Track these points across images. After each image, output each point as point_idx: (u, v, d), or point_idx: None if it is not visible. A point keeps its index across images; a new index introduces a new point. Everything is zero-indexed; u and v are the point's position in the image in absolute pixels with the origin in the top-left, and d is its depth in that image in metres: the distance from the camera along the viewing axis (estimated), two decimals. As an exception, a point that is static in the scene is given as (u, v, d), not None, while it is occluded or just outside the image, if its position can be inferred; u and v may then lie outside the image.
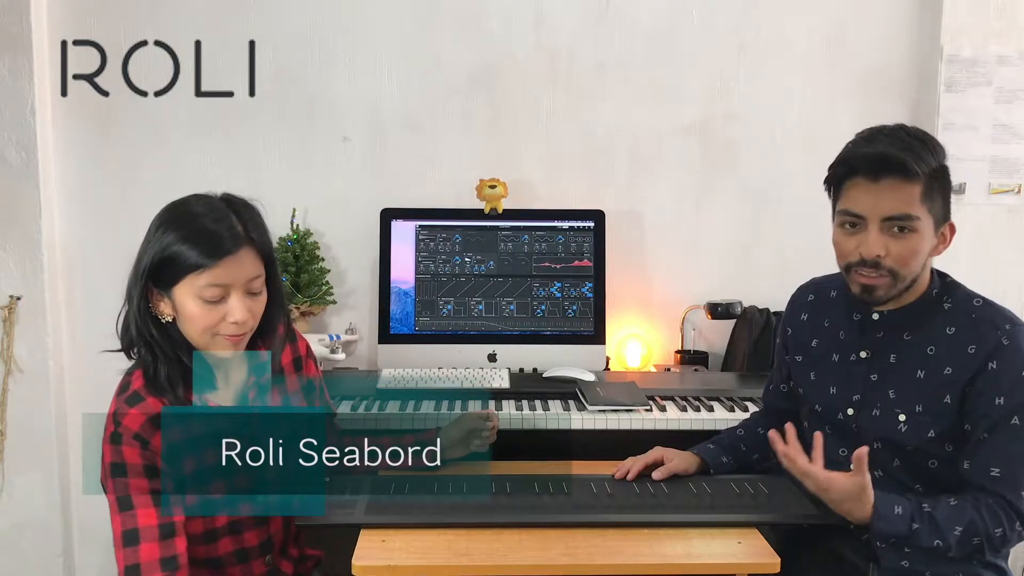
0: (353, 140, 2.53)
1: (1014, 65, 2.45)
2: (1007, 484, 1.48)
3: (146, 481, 1.39)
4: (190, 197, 1.48)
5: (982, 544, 1.46)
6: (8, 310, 2.44)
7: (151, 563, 1.35)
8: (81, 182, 2.50)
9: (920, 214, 1.47)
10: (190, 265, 1.39)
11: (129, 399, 1.43)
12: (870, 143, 1.50)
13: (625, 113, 2.54)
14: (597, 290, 2.38)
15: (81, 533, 2.58)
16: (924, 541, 1.45)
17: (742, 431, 1.83)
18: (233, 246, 1.41)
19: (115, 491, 1.38)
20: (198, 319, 1.42)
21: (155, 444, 1.40)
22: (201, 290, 1.40)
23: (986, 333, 1.50)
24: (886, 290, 1.52)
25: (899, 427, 1.55)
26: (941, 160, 1.50)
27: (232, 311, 1.42)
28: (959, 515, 1.47)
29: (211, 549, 1.51)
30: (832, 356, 1.66)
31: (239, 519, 1.52)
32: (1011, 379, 1.48)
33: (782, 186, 2.54)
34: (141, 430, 1.39)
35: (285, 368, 1.63)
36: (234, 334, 1.45)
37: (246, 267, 1.43)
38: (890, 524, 1.45)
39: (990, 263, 2.47)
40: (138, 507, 1.37)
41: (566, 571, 1.40)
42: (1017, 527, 1.47)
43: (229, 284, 1.41)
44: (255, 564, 1.57)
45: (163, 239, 1.41)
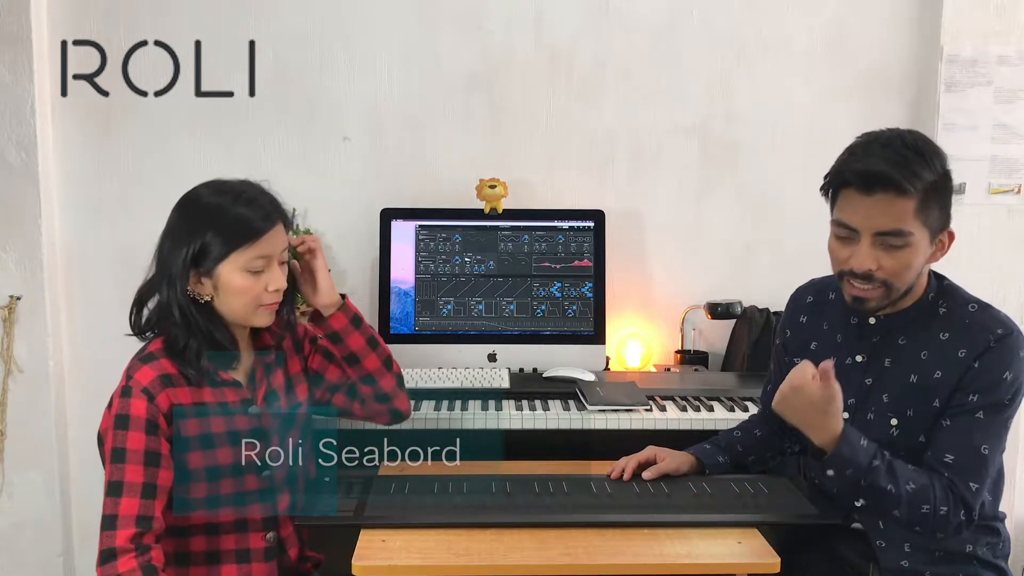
0: (353, 140, 2.53)
1: (1014, 65, 2.45)
2: (958, 472, 1.47)
3: (144, 437, 1.47)
4: (203, 186, 1.59)
5: (928, 514, 1.45)
6: (8, 310, 2.44)
7: (128, 516, 1.42)
8: (81, 182, 2.50)
9: (913, 229, 1.45)
10: (240, 241, 1.51)
11: (144, 357, 1.54)
12: (865, 154, 1.46)
13: (625, 113, 2.54)
14: (597, 290, 2.38)
15: (81, 533, 2.58)
16: (880, 481, 1.44)
17: (739, 432, 1.83)
18: (271, 221, 1.54)
19: (113, 441, 1.46)
20: (245, 291, 1.53)
21: (160, 400, 1.49)
22: (249, 262, 1.52)
23: (977, 337, 1.49)
24: (878, 301, 1.52)
25: (891, 431, 1.55)
26: (939, 170, 1.46)
27: (273, 279, 1.56)
28: (917, 476, 1.47)
29: (212, 515, 1.56)
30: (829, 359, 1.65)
31: (246, 491, 1.58)
32: (990, 379, 1.48)
33: (782, 186, 2.54)
34: (150, 384, 1.49)
35: (288, 351, 1.72)
36: (273, 302, 1.58)
37: (281, 238, 1.57)
38: (854, 451, 1.44)
39: (990, 263, 2.47)
40: (129, 462, 1.45)
41: (566, 571, 1.41)
42: (961, 515, 1.46)
43: (271, 255, 1.55)
44: (252, 536, 1.60)
45: (200, 231, 1.51)
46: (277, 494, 1.62)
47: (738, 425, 1.87)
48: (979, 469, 1.48)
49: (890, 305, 1.55)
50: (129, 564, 1.40)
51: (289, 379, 1.71)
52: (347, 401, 1.79)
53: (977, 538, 1.57)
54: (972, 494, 1.47)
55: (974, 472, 1.47)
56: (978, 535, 1.57)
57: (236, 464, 1.57)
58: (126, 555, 1.40)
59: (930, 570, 1.56)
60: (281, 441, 1.63)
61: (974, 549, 1.57)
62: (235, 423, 1.58)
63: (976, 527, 1.56)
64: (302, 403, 1.72)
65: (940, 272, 1.61)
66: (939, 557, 1.55)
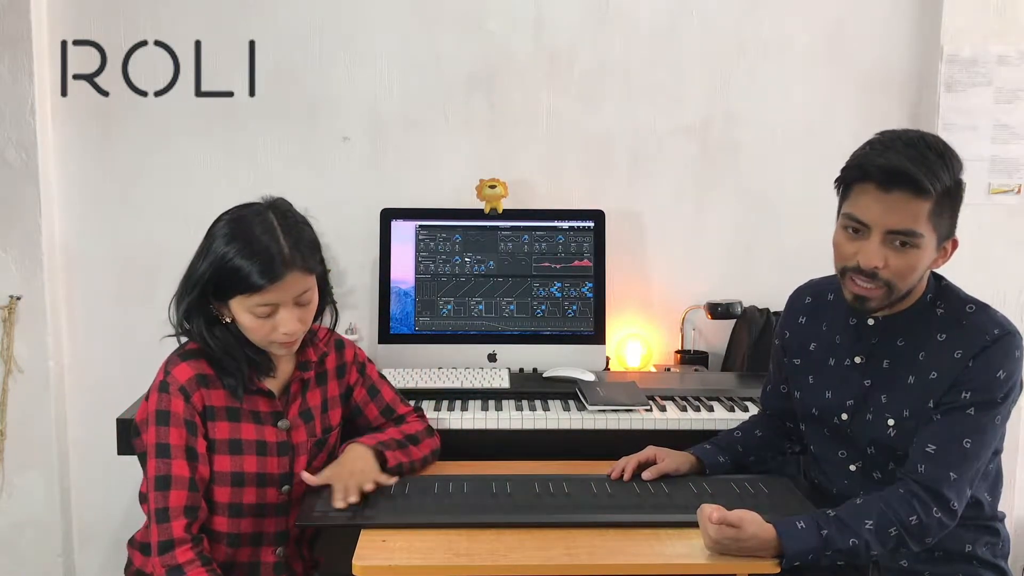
0: (353, 140, 2.53)
1: (1014, 65, 2.45)
2: (936, 463, 1.46)
3: (185, 433, 1.52)
4: (231, 222, 1.55)
5: (901, 535, 1.43)
6: (8, 310, 2.44)
7: (178, 508, 1.48)
8: (81, 182, 2.50)
9: (925, 231, 1.44)
10: (241, 288, 1.50)
11: (184, 354, 1.57)
12: (887, 151, 1.44)
13: (625, 113, 2.54)
14: (597, 290, 2.37)
15: (81, 533, 2.59)
16: (839, 543, 1.41)
17: (739, 433, 1.83)
18: (279, 273, 1.49)
19: (156, 437, 1.51)
20: (253, 331, 1.54)
21: (195, 400, 1.54)
22: (252, 307, 1.52)
23: (974, 338, 1.49)
24: (879, 301, 1.51)
25: (888, 431, 1.55)
26: (956, 176, 1.45)
27: (282, 323, 1.53)
28: (866, 509, 1.44)
29: (233, 524, 1.58)
30: (828, 360, 1.66)
31: (266, 503, 1.59)
32: (984, 379, 1.47)
33: (782, 186, 2.53)
34: (187, 383, 1.53)
35: (329, 372, 1.72)
36: (287, 342, 1.56)
37: (293, 287, 1.52)
38: (801, 540, 1.40)
39: (990, 263, 2.46)
40: (174, 457, 1.50)
41: (566, 571, 1.40)
42: (935, 513, 1.44)
43: (277, 303, 1.52)
44: (264, 551, 1.62)
45: (219, 255, 1.51)
46: (292, 510, 1.62)
47: (738, 425, 1.86)
48: (959, 461, 1.45)
49: (889, 306, 1.55)
50: (187, 555, 1.46)
51: (325, 400, 1.71)
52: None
53: (977, 538, 1.57)
54: (949, 484, 1.45)
55: (953, 464, 1.45)
56: (978, 535, 1.57)
57: (260, 474, 1.58)
58: (183, 545, 1.47)
59: (929, 570, 1.56)
60: (309, 461, 1.65)
61: (973, 549, 1.57)
62: (264, 433, 1.59)
63: (976, 527, 1.56)
64: (335, 428, 1.72)
65: (939, 272, 1.60)
66: (938, 557, 1.55)
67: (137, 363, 2.37)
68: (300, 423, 1.65)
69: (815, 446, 1.72)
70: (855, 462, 1.63)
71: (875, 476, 1.60)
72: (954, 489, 1.45)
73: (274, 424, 1.61)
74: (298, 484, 1.62)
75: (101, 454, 2.37)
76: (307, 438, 1.65)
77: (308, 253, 1.54)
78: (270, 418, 1.60)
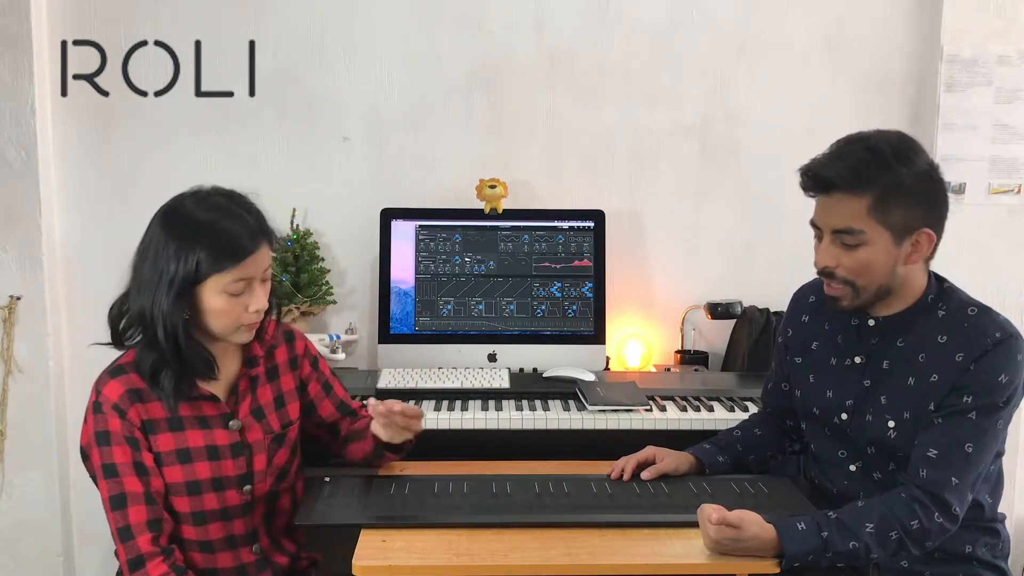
0: (353, 140, 2.53)
1: (1014, 65, 2.45)
2: (938, 467, 1.46)
3: (129, 449, 1.47)
4: (188, 199, 1.51)
5: (901, 538, 1.43)
6: (8, 310, 2.44)
7: (140, 523, 1.45)
8: (81, 182, 2.50)
9: (867, 228, 1.47)
10: (218, 267, 1.45)
11: (113, 371, 1.52)
12: (823, 157, 1.51)
13: (625, 113, 2.54)
14: (597, 290, 2.38)
15: (81, 533, 2.58)
16: (839, 546, 1.41)
17: (739, 432, 1.83)
18: (256, 241, 1.49)
19: (101, 457, 1.47)
20: (223, 314, 1.49)
21: (132, 416, 1.48)
22: (227, 285, 1.47)
23: (975, 341, 1.49)
24: (849, 300, 1.53)
25: (888, 433, 1.55)
26: (905, 171, 1.45)
27: (254, 299, 1.50)
28: (867, 513, 1.45)
29: (201, 532, 1.55)
30: (830, 360, 1.66)
31: (228, 506, 1.56)
32: (986, 382, 1.47)
33: (782, 186, 2.51)
34: (119, 400, 1.48)
35: (280, 366, 1.68)
36: (254, 322, 1.53)
37: (264, 259, 1.51)
38: (801, 541, 1.41)
39: (990, 263, 2.47)
40: (123, 475, 1.46)
41: (566, 571, 1.40)
42: (936, 518, 1.44)
43: (253, 276, 1.49)
44: (243, 551, 1.60)
45: (185, 249, 1.45)
46: (257, 508, 1.61)
47: (738, 424, 1.87)
48: (961, 466, 1.46)
49: (885, 308, 1.55)
50: (160, 568, 1.43)
51: (280, 395, 1.66)
52: (330, 439, 1.78)
53: (977, 539, 1.57)
54: (951, 488, 1.45)
55: (954, 468, 1.46)
56: (978, 536, 1.57)
57: (216, 479, 1.54)
58: (154, 559, 1.44)
59: (929, 570, 1.56)
60: (269, 458, 1.61)
61: (973, 550, 1.57)
62: (214, 437, 1.55)
63: (976, 528, 1.56)
64: (294, 422, 1.67)
65: (940, 274, 1.60)
66: (938, 558, 1.55)
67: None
68: (253, 421, 1.59)
69: (815, 445, 1.72)
70: (855, 462, 1.63)
71: (875, 476, 1.60)
72: (956, 494, 1.45)
73: (224, 426, 1.56)
74: (259, 483, 1.59)
75: (101, 454, 2.37)
76: (263, 435, 1.60)
77: (268, 226, 1.53)
78: (219, 421, 1.56)
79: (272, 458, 1.62)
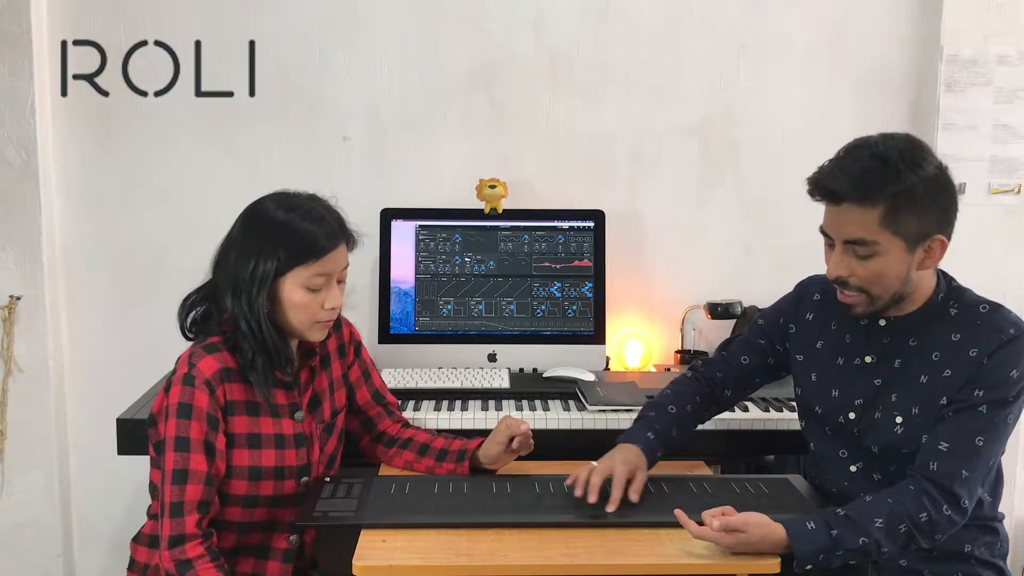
0: (353, 140, 2.53)
1: (1014, 65, 2.45)
2: (949, 460, 1.46)
3: (207, 427, 1.51)
4: (269, 199, 1.59)
5: (911, 531, 1.43)
6: (8, 310, 2.44)
7: (193, 502, 1.48)
8: (81, 182, 2.49)
9: (879, 238, 1.45)
10: (310, 253, 1.53)
11: (208, 347, 1.55)
12: (832, 167, 1.49)
13: (625, 113, 2.53)
14: (597, 290, 2.37)
15: (81, 533, 2.59)
16: (850, 543, 1.41)
17: (673, 408, 1.74)
18: (335, 240, 1.57)
19: (177, 430, 1.49)
20: (301, 309, 1.55)
21: (219, 394, 1.53)
22: (309, 279, 1.54)
23: (989, 336, 1.50)
24: (864, 307, 1.53)
25: (895, 429, 1.55)
26: (916, 177, 1.43)
27: (331, 297, 1.58)
28: (876, 507, 1.45)
29: (247, 514, 1.58)
30: (837, 359, 1.65)
31: (284, 495, 1.60)
32: (998, 377, 1.48)
33: (782, 186, 2.53)
34: (212, 377, 1.52)
35: (331, 354, 1.73)
36: (329, 319, 1.60)
37: (343, 257, 1.60)
38: (810, 541, 1.41)
39: (990, 263, 2.46)
40: (193, 451, 1.49)
41: (566, 571, 1.41)
42: (945, 510, 1.45)
43: (331, 273, 1.57)
44: (277, 537, 1.63)
45: (268, 244, 1.53)
46: (304, 498, 1.63)
47: (670, 394, 1.78)
48: (971, 459, 1.47)
49: (895, 309, 1.55)
50: (197, 550, 1.46)
51: (332, 383, 1.71)
52: (362, 433, 1.81)
53: (975, 537, 1.57)
54: (961, 481, 1.45)
55: (965, 461, 1.46)
56: (977, 535, 1.57)
57: (279, 467, 1.59)
58: (194, 540, 1.47)
59: (928, 569, 1.56)
60: (322, 447, 1.66)
61: (972, 549, 1.57)
62: (282, 426, 1.60)
63: (975, 527, 1.56)
64: (340, 410, 1.73)
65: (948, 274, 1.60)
66: (937, 556, 1.55)
67: (137, 363, 2.37)
68: (311, 411, 1.65)
69: (815, 444, 1.71)
70: (856, 462, 1.62)
71: (875, 477, 1.60)
72: (965, 486, 1.46)
73: (291, 416, 1.61)
74: (314, 473, 1.63)
75: (101, 454, 2.36)
76: (316, 425, 1.65)
77: (348, 229, 1.61)
78: (287, 410, 1.61)
79: (324, 447, 1.66)
